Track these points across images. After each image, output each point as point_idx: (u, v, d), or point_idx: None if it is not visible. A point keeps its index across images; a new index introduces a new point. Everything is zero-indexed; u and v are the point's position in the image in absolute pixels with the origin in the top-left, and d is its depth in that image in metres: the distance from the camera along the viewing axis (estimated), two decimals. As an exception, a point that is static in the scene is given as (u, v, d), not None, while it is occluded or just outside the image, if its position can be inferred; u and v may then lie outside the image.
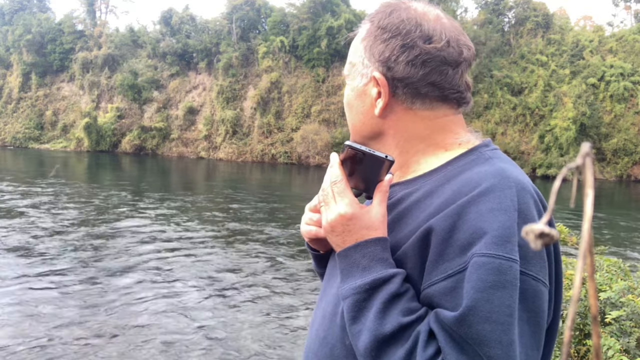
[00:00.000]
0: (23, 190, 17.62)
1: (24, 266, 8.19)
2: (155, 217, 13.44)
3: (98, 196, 17.30)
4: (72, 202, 15.64)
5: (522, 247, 0.79)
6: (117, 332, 5.77)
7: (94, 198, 16.74)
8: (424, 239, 0.85)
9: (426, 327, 0.80)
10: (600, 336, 0.28)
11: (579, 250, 0.29)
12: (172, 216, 13.85)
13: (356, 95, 1.00)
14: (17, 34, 56.68)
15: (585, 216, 0.28)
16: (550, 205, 0.32)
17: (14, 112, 56.55)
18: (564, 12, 53.43)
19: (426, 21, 0.93)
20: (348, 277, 0.89)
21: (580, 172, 0.29)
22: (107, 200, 16.45)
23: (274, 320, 6.43)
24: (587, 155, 0.29)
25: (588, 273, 0.29)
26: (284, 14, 50.08)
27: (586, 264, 0.28)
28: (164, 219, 13.25)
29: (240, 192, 21.76)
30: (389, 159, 0.91)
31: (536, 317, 0.80)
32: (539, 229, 0.30)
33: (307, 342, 1.05)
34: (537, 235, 0.30)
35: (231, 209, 16.28)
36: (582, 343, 2.63)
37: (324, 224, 0.94)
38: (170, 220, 13.11)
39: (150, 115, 51.46)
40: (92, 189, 19.50)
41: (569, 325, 0.29)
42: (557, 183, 0.31)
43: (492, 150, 0.95)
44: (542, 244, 0.30)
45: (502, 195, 0.82)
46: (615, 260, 3.16)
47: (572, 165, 0.30)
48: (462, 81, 0.96)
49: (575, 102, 38.81)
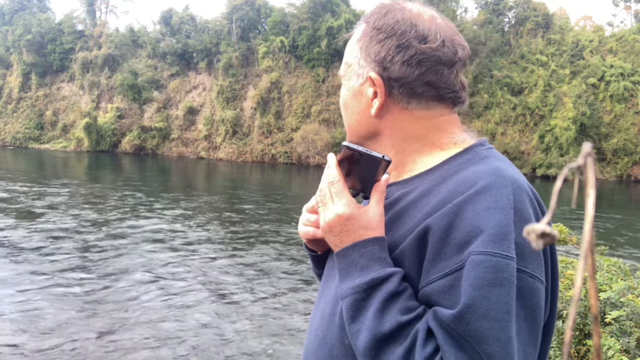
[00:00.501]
0: (23, 189, 17.64)
1: (22, 265, 8.19)
2: (156, 217, 13.44)
3: (98, 196, 17.30)
4: (73, 202, 15.65)
5: (518, 245, 0.79)
6: (116, 331, 5.77)
7: (94, 197, 16.75)
8: (421, 238, 0.85)
9: (424, 326, 0.81)
10: (600, 336, 0.28)
11: (580, 251, 0.29)
12: (172, 216, 13.85)
13: (352, 96, 1.00)
14: (17, 34, 56.71)
15: (586, 216, 0.28)
16: (551, 205, 0.32)
17: (14, 112, 56.57)
18: (564, 12, 53.47)
19: (421, 21, 0.94)
20: (346, 277, 0.90)
21: (581, 172, 0.29)
22: (107, 200, 16.46)
23: (273, 319, 6.43)
24: (589, 155, 0.29)
25: (589, 273, 0.29)
26: (284, 14, 50.11)
27: (587, 264, 0.28)
28: (164, 219, 13.25)
29: (240, 192, 21.77)
30: (386, 159, 0.91)
31: (533, 314, 0.81)
32: (541, 229, 0.30)
33: (306, 342, 1.05)
34: (538, 235, 0.30)
35: (231, 208, 16.28)
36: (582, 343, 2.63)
37: (321, 225, 0.94)
38: (171, 220, 13.11)
39: (150, 115, 51.49)
40: (92, 189, 19.50)
41: (569, 325, 0.29)
42: (559, 183, 0.31)
43: (487, 150, 0.95)
44: (544, 243, 0.30)
45: (498, 193, 0.82)
46: (615, 260, 3.16)
47: (573, 165, 0.30)
48: (457, 81, 0.96)
49: (575, 102, 38.82)
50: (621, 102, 40.17)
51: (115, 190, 19.19)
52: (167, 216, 13.80)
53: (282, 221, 13.97)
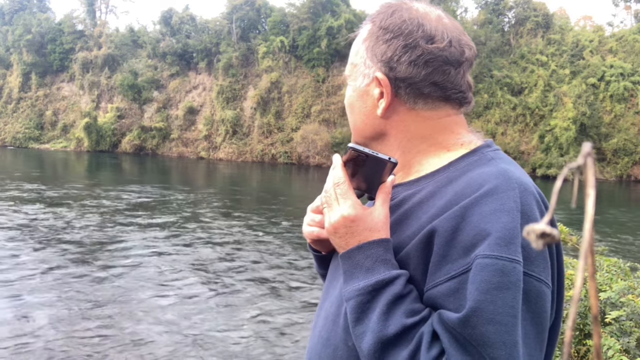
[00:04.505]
0: (21, 189, 17.63)
1: (19, 265, 8.19)
2: (156, 217, 13.44)
3: (98, 196, 17.30)
4: (72, 201, 15.64)
5: (525, 248, 0.79)
6: (114, 330, 5.77)
7: (94, 197, 16.74)
8: (427, 241, 0.85)
9: (430, 329, 0.80)
10: (600, 336, 0.28)
11: (580, 251, 0.29)
12: (173, 216, 13.85)
13: (358, 96, 1.00)
14: (17, 34, 56.68)
15: (586, 216, 0.28)
16: (551, 205, 0.32)
17: (14, 112, 56.55)
18: (564, 12, 53.46)
19: (428, 21, 0.93)
20: (351, 279, 0.89)
21: (581, 172, 0.30)
22: (107, 200, 16.45)
23: (275, 320, 6.44)
24: (589, 155, 0.29)
25: (589, 273, 0.29)
26: (284, 14, 50.07)
27: (587, 264, 0.28)
28: (164, 219, 13.25)
29: (240, 192, 21.76)
30: (392, 161, 0.91)
31: (539, 318, 0.81)
32: (541, 228, 0.30)
33: (310, 344, 1.05)
34: (538, 235, 0.30)
35: (231, 208, 16.28)
36: (582, 343, 2.63)
37: (326, 226, 0.94)
38: (171, 220, 13.11)
39: (150, 115, 51.48)
40: (91, 189, 19.50)
41: (570, 325, 0.29)
42: (558, 183, 0.31)
43: (494, 151, 0.95)
44: (544, 243, 0.30)
45: (505, 196, 0.82)
46: (615, 260, 3.15)
47: (573, 165, 0.30)
48: (464, 81, 0.96)
49: (575, 102, 38.82)
50: (621, 102, 40.16)
51: (115, 190, 19.18)
52: (167, 216, 13.79)
53: (283, 221, 13.97)
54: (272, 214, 15.43)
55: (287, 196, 21.65)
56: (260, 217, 14.60)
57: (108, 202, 15.85)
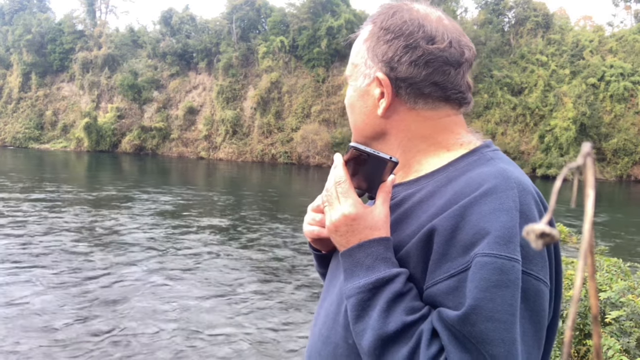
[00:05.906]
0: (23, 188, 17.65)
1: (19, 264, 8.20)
2: (156, 217, 13.45)
3: (99, 195, 17.31)
4: (74, 201, 15.65)
5: (523, 247, 0.80)
6: (114, 329, 5.78)
7: (95, 198, 16.76)
8: (426, 239, 0.86)
9: (429, 326, 0.81)
10: (600, 336, 0.28)
11: (580, 251, 0.29)
12: (172, 216, 13.86)
13: (359, 96, 1.01)
14: (17, 34, 56.70)
15: (586, 216, 0.28)
16: (551, 205, 0.32)
17: (14, 112, 56.58)
18: (564, 12, 53.47)
19: (428, 22, 0.94)
20: (352, 277, 0.90)
21: (581, 172, 0.30)
22: (106, 199, 16.46)
23: (276, 318, 6.44)
24: (588, 155, 0.29)
25: (589, 273, 0.29)
26: (284, 14, 50.09)
27: (587, 264, 0.28)
28: (164, 219, 13.25)
29: (241, 192, 21.77)
30: (393, 160, 0.92)
31: (537, 316, 0.81)
32: (540, 228, 0.30)
33: (310, 341, 1.05)
34: (538, 235, 0.30)
35: (231, 208, 16.29)
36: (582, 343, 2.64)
37: (327, 224, 0.95)
38: (171, 220, 13.11)
39: (150, 115, 51.50)
40: (91, 188, 19.51)
41: (569, 325, 0.29)
42: (558, 183, 0.31)
43: (493, 151, 0.96)
44: (543, 243, 0.30)
45: (504, 196, 0.83)
46: (615, 260, 3.16)
47: (572, 165, 0.30)
48: (463, 81, 0.97)
49: (575, 102, 38.83)
50: (621, 102, 40.17)
51: (115, 189, 19.19)
52: (167, 216, 13.80)
53: (283, 221, 13.98)
54: (272, 213, 15.44)
55: (287, 196, 21.66)
56: (260, 216, 14.61)
57: (107, 201, 15.86)
